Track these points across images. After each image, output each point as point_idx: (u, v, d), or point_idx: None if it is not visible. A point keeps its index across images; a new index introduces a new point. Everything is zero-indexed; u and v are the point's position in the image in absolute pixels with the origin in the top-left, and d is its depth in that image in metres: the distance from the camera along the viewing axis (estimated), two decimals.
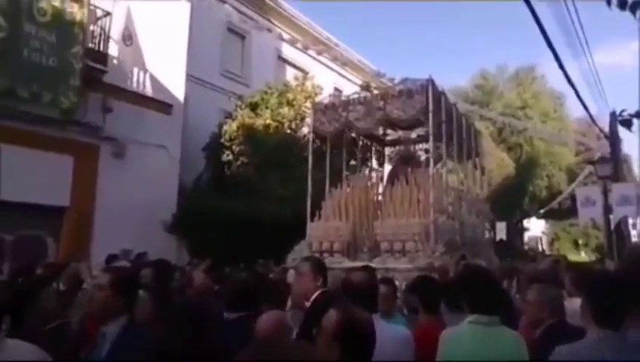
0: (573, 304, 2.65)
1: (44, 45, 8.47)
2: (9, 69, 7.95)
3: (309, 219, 6.92)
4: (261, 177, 10.38)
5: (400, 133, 8.57)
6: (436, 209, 6.26)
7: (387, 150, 9.12)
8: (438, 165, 7.31)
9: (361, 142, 8.48)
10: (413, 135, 8.37)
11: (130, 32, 10.07)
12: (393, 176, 7.70)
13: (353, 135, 8.04)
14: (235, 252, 8.52)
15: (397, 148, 8.78)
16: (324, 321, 1.71)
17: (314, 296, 2.94)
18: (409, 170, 7.24)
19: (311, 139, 7.79)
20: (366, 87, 7.84)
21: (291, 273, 4.78)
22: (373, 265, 5.55)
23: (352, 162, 8.75)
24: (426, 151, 7.66)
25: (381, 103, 6.74)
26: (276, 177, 10.15)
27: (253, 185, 10.28)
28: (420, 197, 6.41)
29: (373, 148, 8.91)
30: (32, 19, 8.36)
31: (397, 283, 4.36)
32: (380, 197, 7.62)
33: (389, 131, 8.65)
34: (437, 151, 7.18)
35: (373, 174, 8.63)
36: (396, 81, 7.17)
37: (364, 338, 1.68)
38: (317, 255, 6.37)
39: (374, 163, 9.09)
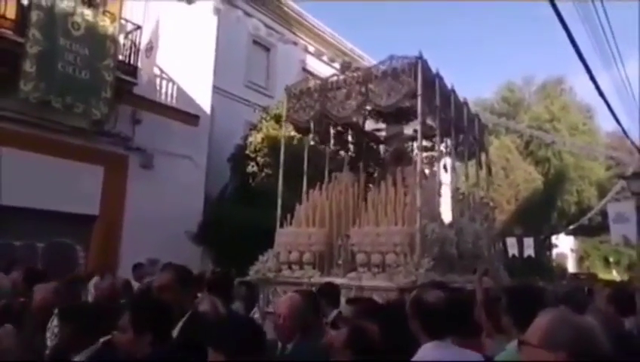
0: None
1: (77, 58, 8.70)
2: (45, 81, 8.17)
3: (277, 225, 6.12)
4: (285, 189, 10.34)
5: (396, 128, 7.34)
6: (425, 214, 5.19)
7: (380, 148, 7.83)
8: (440, 163, 6.29)
9: (350, 137, 7.42)
10: (410, 130, 7.05)
11: (152, 45, 10.26)
12: (381, 177, 6.49)
13: (339, 128, 7.00)
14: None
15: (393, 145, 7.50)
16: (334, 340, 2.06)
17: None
18: (398, 169, 6.12)
19: (284, 130, 7.03)
20: (347, 67, 6.72)
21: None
22: (345, 281, 4.86)
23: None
24: (425, 148, 6.49)
25: (363, 87, 5.65)
26: (300, 189, 10.09)
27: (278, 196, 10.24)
28: (407, 200, 5.39)
29: (364, 145, 7.70)
30: (66, 34, 8.60)
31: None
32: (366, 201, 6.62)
33: (383, 126, 7.51)
34: (439, 146, 6.17)
35: (360, 174, 7.33)
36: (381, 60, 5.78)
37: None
38: (284, 267, 5.76)
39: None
